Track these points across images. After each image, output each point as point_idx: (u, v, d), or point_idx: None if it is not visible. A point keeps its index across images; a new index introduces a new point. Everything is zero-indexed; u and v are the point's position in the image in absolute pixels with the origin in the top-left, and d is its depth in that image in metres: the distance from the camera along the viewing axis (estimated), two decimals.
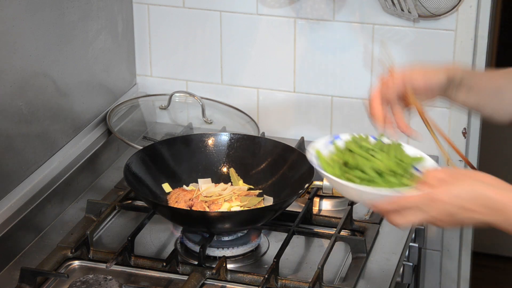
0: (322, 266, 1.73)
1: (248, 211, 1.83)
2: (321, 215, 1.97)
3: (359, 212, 2.00)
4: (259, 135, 2.21)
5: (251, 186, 1.96)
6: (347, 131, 2.29)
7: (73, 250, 1.81)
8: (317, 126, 2.34)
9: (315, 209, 2.01)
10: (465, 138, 2.24)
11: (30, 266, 1.75)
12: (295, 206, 1.97)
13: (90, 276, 1.70)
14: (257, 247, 1.87)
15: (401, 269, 1.92)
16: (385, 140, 1.57)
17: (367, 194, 1.44)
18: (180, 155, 2.00)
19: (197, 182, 1.97)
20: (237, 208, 1.85)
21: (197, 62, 2.38)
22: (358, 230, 1.93)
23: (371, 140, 1.57)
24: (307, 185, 1.85)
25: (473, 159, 2.29)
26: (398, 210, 1.42)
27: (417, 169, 1.52)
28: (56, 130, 2.03)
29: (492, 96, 1.70)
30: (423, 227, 2.10)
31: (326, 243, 1.87)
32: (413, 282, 2.19)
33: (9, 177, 1.86)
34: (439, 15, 2.13)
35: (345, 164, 1.50)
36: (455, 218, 1.40)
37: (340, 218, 1.92)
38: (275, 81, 2.33)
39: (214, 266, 1.75)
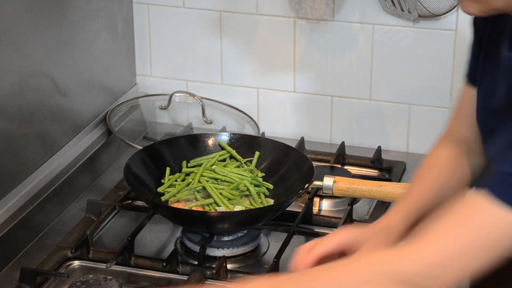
0: None
1: (248, 211, 1.83)
2: (321, 215, 1.97)
3: (359, 212, 2.00)
4: (259, 135, 2.21)
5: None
6: (347, 131, 2.31)
7: (73, 250, 1.81)
8: (317, 126, 2.34)
9: (315, 209, 2.01)
10: None
11: (30, 266, 1.75)
12: (295, 206, 1.97)
13: (90, 276, 1.70)
14: (257, 247, 1.87)
15: None
16: None
17: None
18: (180, 155, 2.00)
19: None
20: (238, 208, 1.85)
21: (197, 62, 2.38)
22: None
23: None
24: (307, 185, 1.85)
25: None
26: None
27: None
28: (56, 130, 2.03)
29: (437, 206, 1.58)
30: None
31: None
32: None
33: (9, 177, 1.85)
34: (439, 15, 2.13)
35: None
36: None
37: (340, 218, 1.92)
38: (275, 81, 2.33)
39: (214, 266, 1.75)
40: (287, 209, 1.88)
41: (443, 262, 1.27)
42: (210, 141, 2.04)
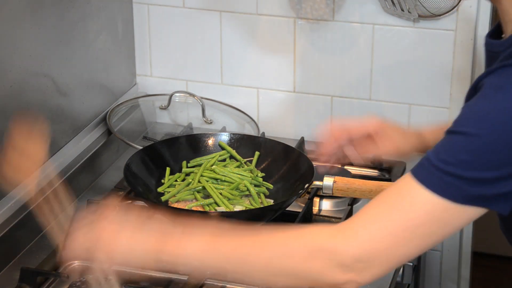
0: None
1: (248, 211, 1.83)
2: (321, 215, 1.97)
3: None
4: (259, 135, 2.21)
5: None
6: None
7: None
8: (317, 126, 2.34)
9: (315, 209, 2.01)
10: None
11: (30, 266, 1.75)
12: (295, 206, 1.97)
13: (90, 276, 1.70)
14: None
15: (401, 269, 1.92)
16: None
17: None
18: (180, 155, 2.00)
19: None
20: (238, 208, 1.85)
21: (197, 62, 2.38)
22: None
23: None
24: (307, 185, 1.85)
25: None
26: None
27: None
28: (56, 130, 2.03)
29: None
30: None
31: None
32: (413, 282, 2.19)
33: None
34: (439, 15, 2.13)
35: None
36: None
37: (340, 218, 1.92)
38: (275, 81, 2.33)
39: None
40: (287, 209, 1.88)
41: (381, 246, 1.27)
42: (210, 141, 2.04)
